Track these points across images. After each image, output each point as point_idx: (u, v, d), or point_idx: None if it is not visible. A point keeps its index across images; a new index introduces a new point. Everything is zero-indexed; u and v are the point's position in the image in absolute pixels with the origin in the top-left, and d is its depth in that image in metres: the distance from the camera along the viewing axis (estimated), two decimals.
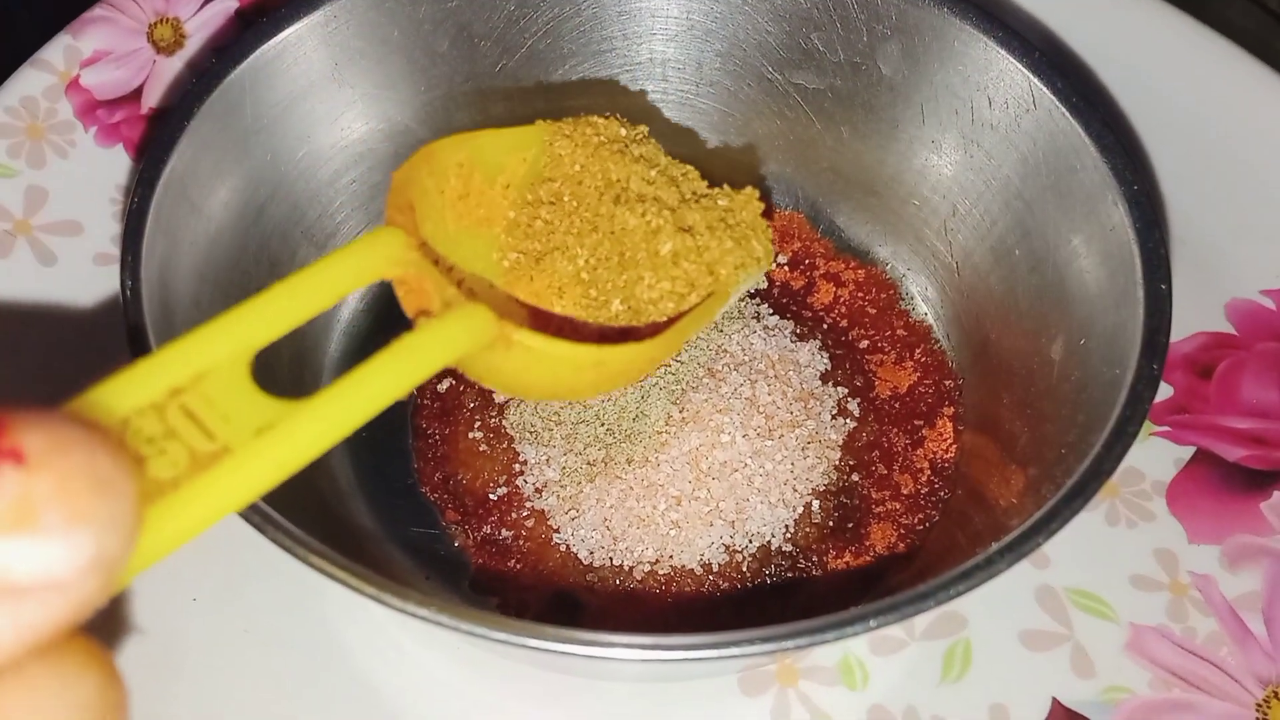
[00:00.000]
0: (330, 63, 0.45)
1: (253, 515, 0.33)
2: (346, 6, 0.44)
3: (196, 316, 0.39)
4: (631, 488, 0.42)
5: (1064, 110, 0.42)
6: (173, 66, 0.54)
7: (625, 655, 0.31)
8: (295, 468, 0.26)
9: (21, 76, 0.52)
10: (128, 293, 0.36)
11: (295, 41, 0.44)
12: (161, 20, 0.55)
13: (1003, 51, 0.43)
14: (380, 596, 0.31)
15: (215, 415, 0.25)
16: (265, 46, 0.43)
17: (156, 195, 0.38)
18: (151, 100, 0.53)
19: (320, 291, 0.29)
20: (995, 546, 0.32)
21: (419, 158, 0.36)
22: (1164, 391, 0.49)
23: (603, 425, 0.43)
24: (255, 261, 0.43)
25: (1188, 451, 0.47)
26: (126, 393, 0.24)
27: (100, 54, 0.53)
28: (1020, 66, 0.43)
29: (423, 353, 0.29)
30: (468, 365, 0.33)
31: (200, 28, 0.55)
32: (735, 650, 0.30)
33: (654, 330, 0.35)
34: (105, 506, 0.20)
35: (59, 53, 0.53)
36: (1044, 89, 0.42)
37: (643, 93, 0.51)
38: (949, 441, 0.45)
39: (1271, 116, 0.54)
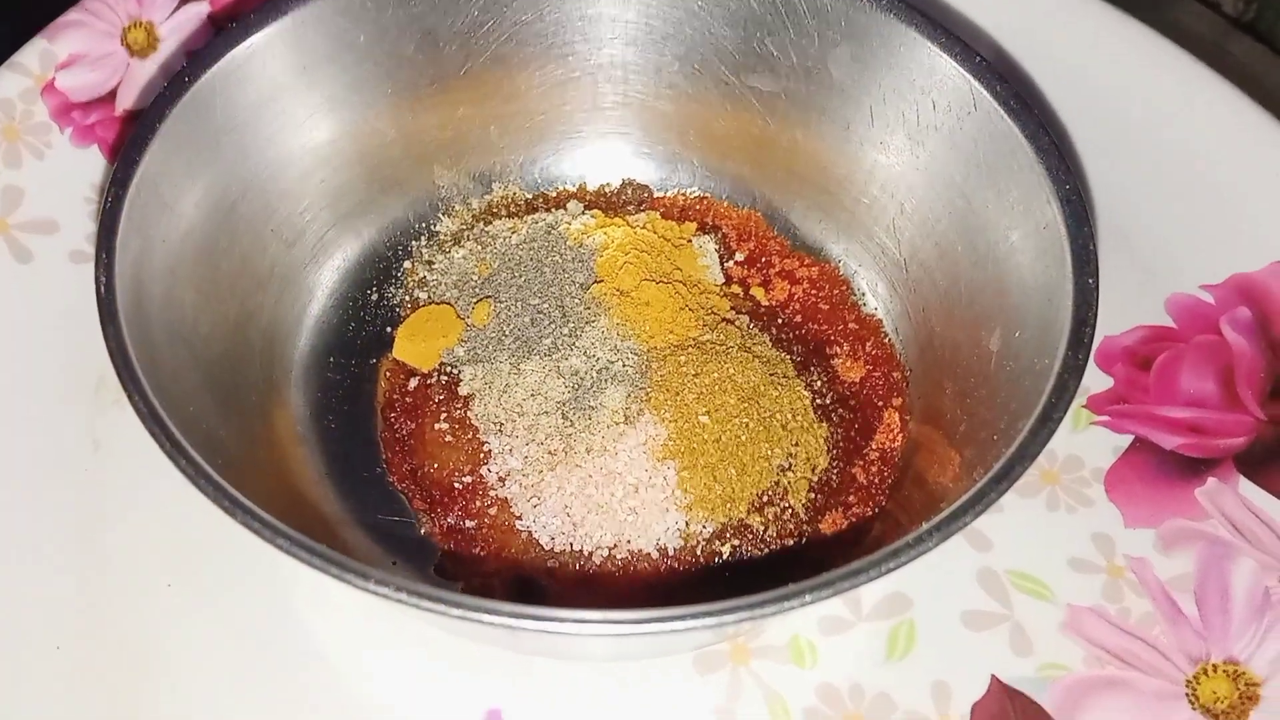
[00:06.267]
0: (299, 66, 0.46)
1: (222, 500, 0.34)
2: (314, 12, 0.46)
3: (169, 314, 0.41)
4: (591, 476, 0.44)
5: (1003, 113, 0.44)
6: (146, 69, 0.56)
7: (576, 630, 0.32)
8: None
9: None
10: (102, 290, 0.37)
11: (264, 45, 0.45)
12: (135, 24, 0.56)
13: (945, 56, 0.45)
14: (343, 576, 0.33)
15: None
16: (235, 51, 0.44)
17: (129, 195, 0.40)
18: (125, 102, 0.55)
19: None
20: (925, 526, 0.34)
21: None
22: (1105, 382, 0.51)
23: (563, 417, 0.45)
24: (226, 257, 0.45)
25: (1126, 440, 0.49)
26: None
27: (75, 57, 0.55)
28: (962, 71, 0.45)
29: None
30: None
31: (173, 31, 0.56)
32: (678, 625, 0.32)
33: None
34: None
35: (35, 56, 0.54)
36: (984, 92, 0.44)
37: (604, 94, 0.52)
38: (897, 431, 0.47)
39: (1214, 116, 0.56)
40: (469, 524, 0.45)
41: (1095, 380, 0.51)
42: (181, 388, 0.40)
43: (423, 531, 0.45)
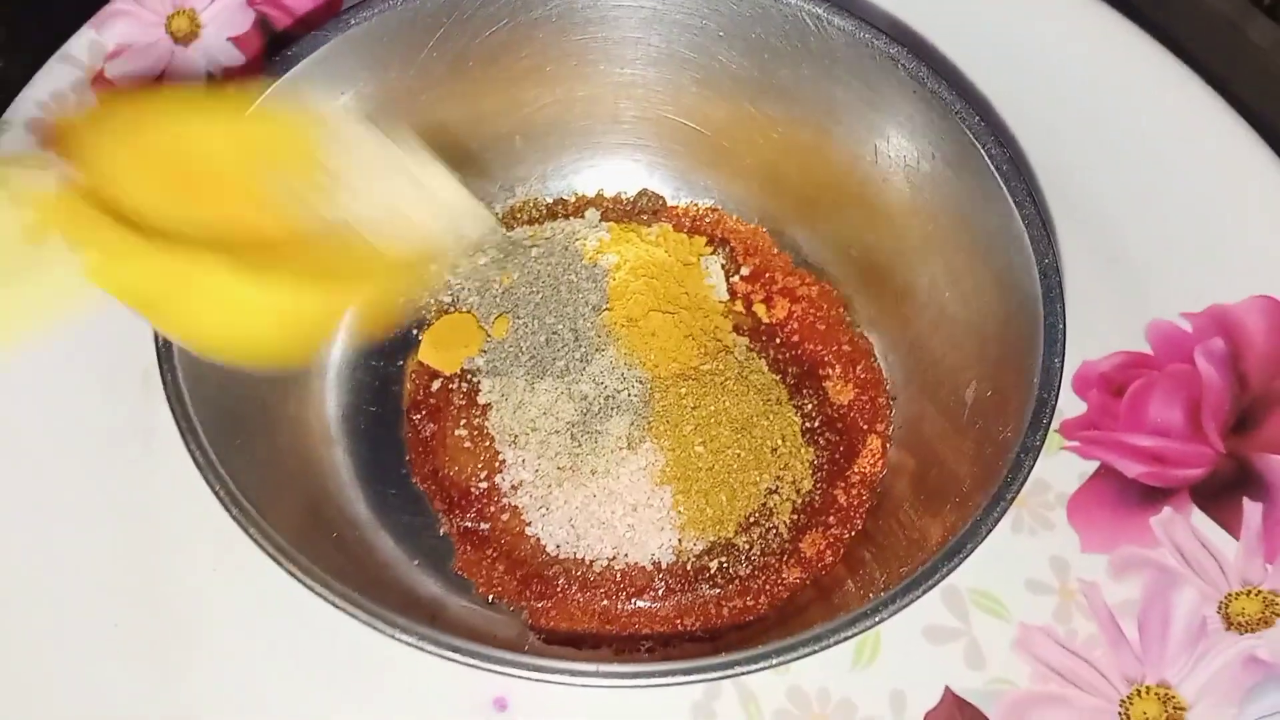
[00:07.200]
0: (334, 93, 0.49)
1: (267, 545, 0.39)
2: (349, 42, 0.48)
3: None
4: (594, 494, 0.48)
5: (996, 176, 0.46)
6: (189, 56, 0.58)
7: (559, 680, 0.37)
8: None
9: (50, 71, 0.56)
10: (161, 344, 0.41)
11: (303, 77, 0.48)
12: (178, 12, 0.58)
13: (947, 113, 0.47)
14: (370, 622, 0.38)
15: None
16: (277, 84, 0.47)
17: None
18: None
19: None
20: (882, 596, 0.39)
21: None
22: (1078, 408, 0.54)
23: (572, 437, 0.49)
24: None
25: (1093, 465, 0.53)
26: None
27: (122, 47, 0.57)
28: (962, 127, 0.47)
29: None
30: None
31: (214, 18, 0.59)
32: (656, 680, 0.37)
33: None
34: None
35: (84, 47, 0.57)
36: (981, 153, 0.47)
37: (625, 110, 0.55)
38: (878, 456, 0.51)
39: (1210, 142, 0.58)
40: (483, 526, 0.49)
41: (1071, 405, 0.54)
42: (228, 416, 0.44)
43: (442, 533, 0.49)
